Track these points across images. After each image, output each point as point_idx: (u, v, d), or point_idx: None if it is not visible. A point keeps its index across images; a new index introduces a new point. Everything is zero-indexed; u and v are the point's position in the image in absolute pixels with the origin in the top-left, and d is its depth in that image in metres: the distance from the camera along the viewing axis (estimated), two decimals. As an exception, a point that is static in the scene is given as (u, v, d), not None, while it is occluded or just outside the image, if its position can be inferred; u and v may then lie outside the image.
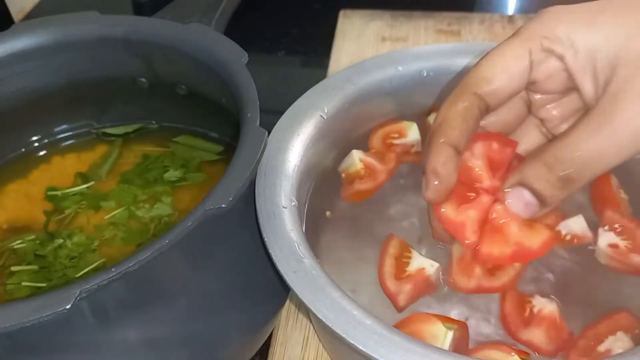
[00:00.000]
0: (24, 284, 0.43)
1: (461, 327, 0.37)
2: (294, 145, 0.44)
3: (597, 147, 0.29)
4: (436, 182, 0.33)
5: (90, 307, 0.32)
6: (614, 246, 0.41)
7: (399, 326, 0.36)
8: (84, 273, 0.43)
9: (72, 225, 0.47)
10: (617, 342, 0.36)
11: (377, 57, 0.51)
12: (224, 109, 0.46)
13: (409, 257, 0.41)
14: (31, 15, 0.87)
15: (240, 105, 0.40)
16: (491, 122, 0.37)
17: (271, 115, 0.45)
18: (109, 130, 0.54)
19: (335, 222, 0.46)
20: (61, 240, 0.45)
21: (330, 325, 0.33)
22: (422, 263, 0.41)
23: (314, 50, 0.81)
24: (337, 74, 0.50)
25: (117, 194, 0.49)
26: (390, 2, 0.81)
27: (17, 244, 0.46)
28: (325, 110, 0.47)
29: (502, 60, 0.33)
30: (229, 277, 0.39)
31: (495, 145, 0.36)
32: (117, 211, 0.47)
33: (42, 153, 0.53)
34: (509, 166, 0.36)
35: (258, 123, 0.38)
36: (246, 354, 0.43)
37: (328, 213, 0.46)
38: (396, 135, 0.50)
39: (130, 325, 0.35)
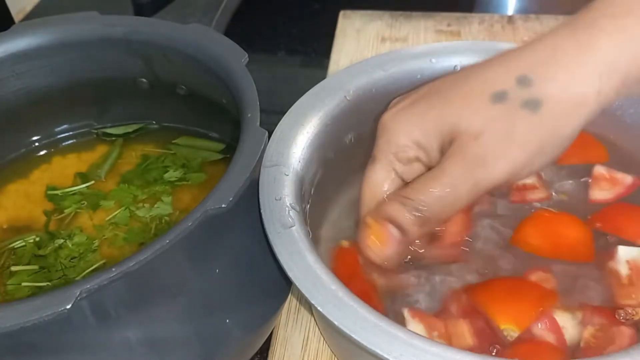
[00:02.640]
0: (24, 284, 0.43)
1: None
2: (298, 143, 0.44)
3: (437, 192, 0.36)
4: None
5: (91, 307, 0.32)
6: None
7: None
8: (85, 273, 0.43)
9: (73, 225, 0.47)
10: None
11: (377, 57, 0.51)
12: (224, 109, 0.46)
13: None
14: (31, 15, 0.87)
15: (240, 105, 0.40)
16: None
17: (271, 115, 0.45)
18: (109, 130, 0.54)
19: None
20: (62, 241, 0.45)
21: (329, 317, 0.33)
22: None
23: (314, 50, 0.81)
24: (337, 73, 0.50)
25: (117, 194, 0.49)
26: (390, 2, 0.81)
27: (17, 244, 0.46)
28: (326, 110, 0.47)
29: (378, 189, 0.39)
30: (229, 277, 0.39)
31: None
32: (117, 211, 0.47)
33: (42, 153, 0.53)
34: None
35: (258, 123, 0.38)
36: (246, 354, 0.43)
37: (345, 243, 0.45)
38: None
39: (130, 325, 0.35)
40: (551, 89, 0.34)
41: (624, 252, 0.41)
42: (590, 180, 0.46)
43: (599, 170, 0.46)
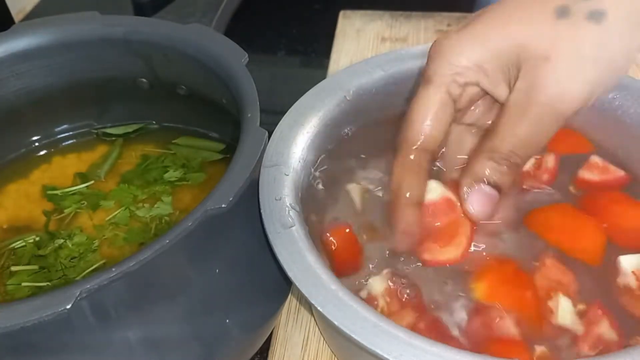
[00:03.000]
0: (24, 284, 0.43)
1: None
2: (298, 143, 0.44)
3: (524, 132, 0.35)
4: (407, 239, 0.39)
5: (91, 307, 0.32)
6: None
7: None
8: (85, 273, 0.43)
9: (73, 225, 0.47)
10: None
11: (377, 57, 0.51)
12: (224, 109, 0.46)
13: None
14: (31, 15, 0.87)
15: (240, 105, 0.40)
16: None
17: (271, 115, 0.45)
18: (109, 130, 0.54)
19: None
20: (62, 241, 0.45)
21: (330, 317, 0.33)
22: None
23: (314, 50, 0.81)
24: (337, 73, 0.50)
25: (117, 194, 0.49)
26: (390, 2, 0.81)
27: (17, 244, 0.46)
28: (326, 110, 0.47)
29: (430, 112, 0.37)
30: (229, 277, 0.39)
31: None
32: (117, 212, 0.47)
33: (42, 153, 0.53)
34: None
35: (258, 123, 0.38)
36: (246, 353, 0.43)
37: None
38: None
39: (130, 325, 0.35)
40: None
41: (627, 263, 0.40)
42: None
43: (595, 159, 0.46)
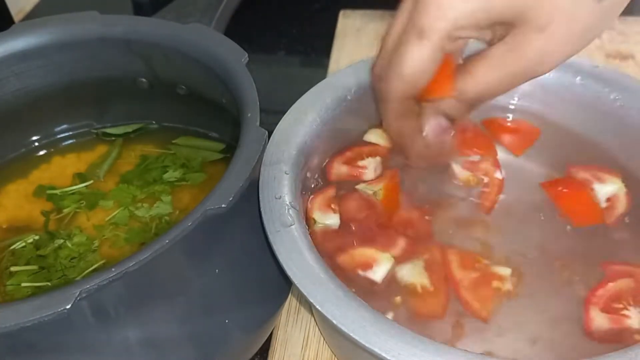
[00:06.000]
0: (23, 284, 0.43)
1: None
2: (298, 142, 0.44)
3: (495, 82, 0.36)
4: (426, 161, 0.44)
5: (91, 307, 0.32)
6: None
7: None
8: (85, 273, 0.43)
9: (72, 225, 0.47)
10: None
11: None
12: (224, 109, 0.46)
13: None
14: (31, 15, 0.87)
15: (240, 105, 0.40)
16: None
17: (271, 115, 0.45)
18: (109, 130, 0.54)
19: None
20: (61, 241, 0.45)
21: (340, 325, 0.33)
22: None
23: (314, 50, 0.81)
24: (338, 73, 0.50)
25: (116, 194, 0.49)
26: (390, 2, 0.81)
27: (17, 245, 0.46)
28: (327, 109, 0.47)
29: (423, 71, 0.36)
30: (229, 277, 0.39)
31: None
32: (117, 212, 0.47)
33: (42, 153, 0.53)
34: None
35: (258, 123, 0.38)
36: (246, 353, 0.43)
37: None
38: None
39: (130, 325, 0.35)
40: None
41: None
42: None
43: None
